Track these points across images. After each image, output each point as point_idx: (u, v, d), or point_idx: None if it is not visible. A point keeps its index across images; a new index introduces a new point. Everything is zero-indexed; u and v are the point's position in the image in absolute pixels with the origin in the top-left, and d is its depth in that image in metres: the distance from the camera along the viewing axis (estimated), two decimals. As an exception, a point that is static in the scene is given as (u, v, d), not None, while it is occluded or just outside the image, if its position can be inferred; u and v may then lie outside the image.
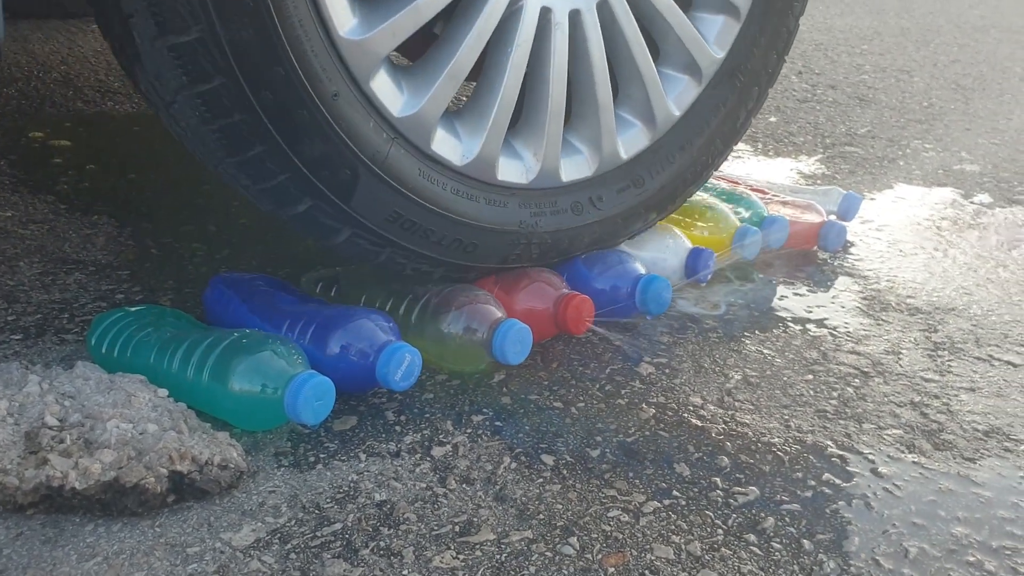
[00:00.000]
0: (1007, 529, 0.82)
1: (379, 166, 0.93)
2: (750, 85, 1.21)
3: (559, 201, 1.10)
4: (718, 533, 0.79)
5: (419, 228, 0.98)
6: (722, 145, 1.22)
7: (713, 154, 1.22)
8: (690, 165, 1.19)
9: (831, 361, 1.10)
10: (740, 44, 1.18)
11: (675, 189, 1.20)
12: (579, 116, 1.11)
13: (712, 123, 1.20)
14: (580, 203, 1.11)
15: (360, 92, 0.91)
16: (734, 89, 1.20)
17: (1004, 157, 2.00)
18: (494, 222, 1.04)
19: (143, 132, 1.82)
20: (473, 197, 1.02)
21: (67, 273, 1.19)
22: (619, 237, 1.18)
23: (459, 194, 1.01)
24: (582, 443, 0.91)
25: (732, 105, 1.21)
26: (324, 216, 0.94)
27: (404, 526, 0.77)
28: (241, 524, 0.76)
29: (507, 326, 0.96)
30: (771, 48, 1.22)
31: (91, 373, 0.85)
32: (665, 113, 1.15)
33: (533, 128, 1.06)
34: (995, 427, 0.97)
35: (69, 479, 0.74)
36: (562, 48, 1.03)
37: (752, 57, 1.20)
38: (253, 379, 0.85)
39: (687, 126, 1.18)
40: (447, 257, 1.02)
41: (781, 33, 1.22)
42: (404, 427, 0.91)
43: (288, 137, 0.87)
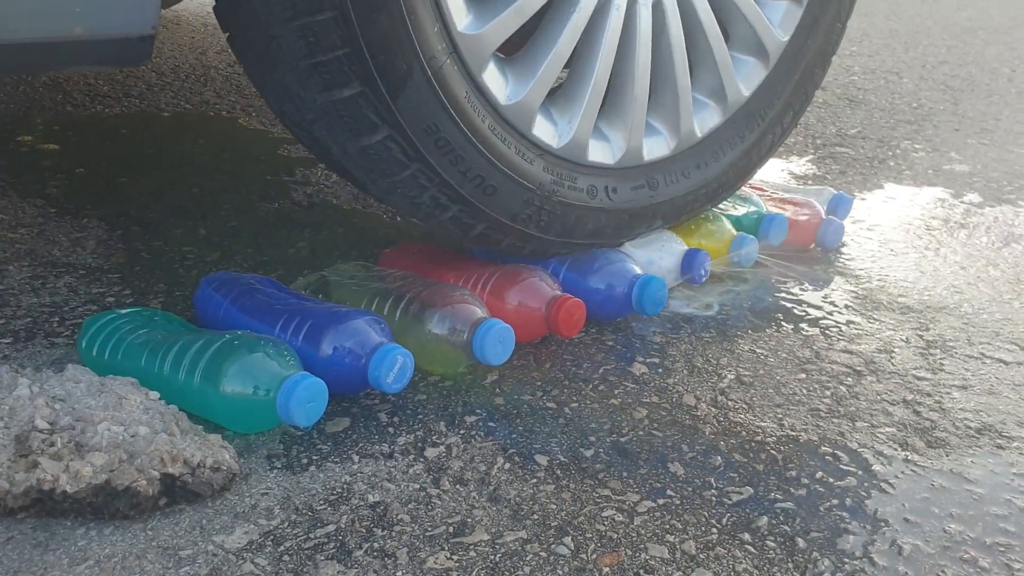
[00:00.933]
0: (1000, 526, 0.82)
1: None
2: (811, 67, 1.30)
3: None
4: (712, 532, 0.79)
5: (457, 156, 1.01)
6: (791, 119, 1.32)
7: (784, 125, 1.31)
8: (760, 138, 1.28)
9: (824, 360, 1.10)
10: (801, 29, 1.26)
11: (747, 167, 1.28)
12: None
13: (782, 97, 1.28)
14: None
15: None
16: (797, 70, 1.28)
17: (993, 157, 2.01)
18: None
19: (132, 136, 1.81)
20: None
21: (57, 276, 1.18)
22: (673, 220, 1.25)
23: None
24: (576, 443, 0.91)
25: (795, 85, 1.29)
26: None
27: (398, 527, 0.77)
28: (234, 526, 0.76)
29: (487, 326, 0.96)
30: (829, 31, 1.30)
31: (82, 376, 0.85)
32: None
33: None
34: (987, 424, 0.98)
35: (60, 482, 0.74)
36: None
37: (812, 41, 1.28)
38: (245, 381, 0.85)
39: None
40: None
41: (838, 17, 1.30)
42: (397, 428, 0.91)
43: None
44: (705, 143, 1.23)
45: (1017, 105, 2.50)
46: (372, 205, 1.50)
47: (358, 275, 1.09)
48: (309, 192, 1.55)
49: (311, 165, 1.67)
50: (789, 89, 1.29)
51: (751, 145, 1.27)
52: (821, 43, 1.29)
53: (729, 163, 1.25)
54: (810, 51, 1.28)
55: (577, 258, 1.15)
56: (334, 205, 1.50)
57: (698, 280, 1.23)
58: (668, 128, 1.19)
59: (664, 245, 1.23)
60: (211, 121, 1.94)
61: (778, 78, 1.27)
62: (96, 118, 1.88)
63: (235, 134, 1.86)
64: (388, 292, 1.02)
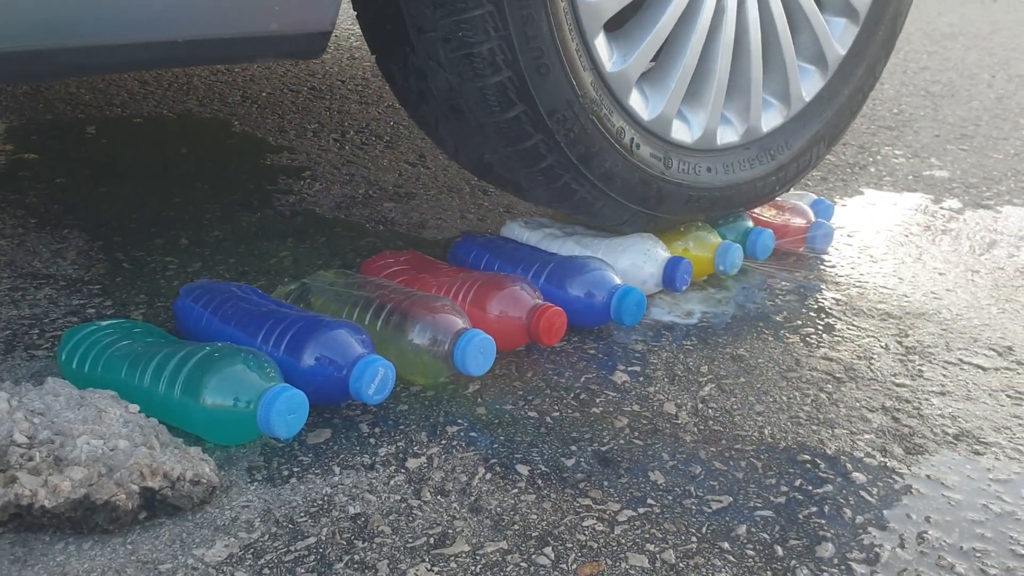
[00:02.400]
0: (977, 531, 0.83)
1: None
2: (864, 77, 1.46)
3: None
4: (692, 541, 0.79)
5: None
6: (844, 124, 1.48)
7: (830, 136, 1.46)
8: (813, 143, 1.44)
9: (804, 367, 1.10)
10: (857, 45, 1.42)
11: (809, 159, 1.44)
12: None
13: (835, 105, 1.44)
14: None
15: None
16: (851, 81, 1.44)
17: (973, 163, 2.03)
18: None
19: (113, 145, 1.80)
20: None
21: (37, 288, 1.18)
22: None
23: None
24: (557, 452, 0.91)
25: (848, 95, 1.44)
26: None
27: (378, 539, 0.77)
28: (214, 540, 0.76)
29: (468, 337, 0.96)
30: (882, 49, 1.46)
31: (61, 389, 0.84)
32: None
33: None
34: (965, 430, 0.99)
35: (38, 497, 0.73)
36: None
37: (864, 57, 1.43)
38: (225, 393, 0.85)
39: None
40: None
41: (890, 38, 1.47)
42: (378, 439, 0.91)
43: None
44: (768, 137, 1.38)
45: (996, 111, 2.52)
46: (354, 214, 1.51)
47: (339, 282, 1.09)
48: (292, 201, 1.55)
49: (293, 174, 1.67)
50: (842, 98, 1.44)
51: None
52: (871, 60, 1.46)
53: (793, 155, 1.40)
54: (863, 66, 1.45)
55: (555, 267, 1.16)
56: (317, 214, 1.50)
57: (679, 288, 1.23)
58: (739, 119, 1.33)
59: (648, 251, 1.24)
60: (193, 130, 1.93)
61: (833, 88, 1.43)
62: (76, 127, 1.88)
63: (217, 144, 1.86)
64: (369, 301, 1.02)
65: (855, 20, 1.40)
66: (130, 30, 0.90)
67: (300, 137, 1.89)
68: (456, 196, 1.62)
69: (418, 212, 1.54)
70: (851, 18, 1.41)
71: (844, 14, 1.40)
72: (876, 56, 1.46)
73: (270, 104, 2.11)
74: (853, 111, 1.48)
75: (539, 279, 1.15)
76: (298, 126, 1.96)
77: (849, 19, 1.41)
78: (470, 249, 1.24)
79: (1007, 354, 1.16)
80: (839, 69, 1.42)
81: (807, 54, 1.38)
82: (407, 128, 1.99)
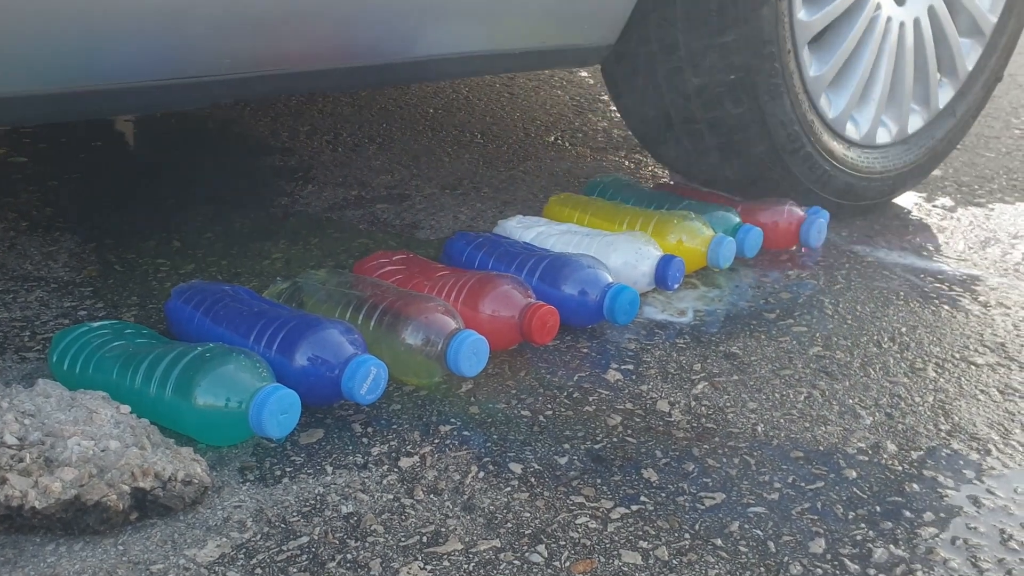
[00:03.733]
0: (970, 526, 0.83)
1: None
2: (1011, 40, 1.71)
3: None
4: (685, 538, 0.79)
5: None
6: (993, 78, 1.73)
7: (990, 85, 1.73)
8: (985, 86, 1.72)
9: (797, 364, 1.10)
10: (1005, 10, 1.66)
11: (974, 114, 1.75)
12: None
13: (991, 62, 1.71)
14: None
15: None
16: (1000, 42, 1.69)
17: (964, 161, 2.03)
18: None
19: (104, 148, 1.80)
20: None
21: (28, 291, 1.17)
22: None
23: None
24: (550, 451, 0.91)
25: (998, 55, 1.71)
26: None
27: (371, 538, 0.77)
28: (206, 540, 0.76)
29: (461, 338, 0.96)
30: (1021, 11, 1.70)
31: (52, 391, 0.84)
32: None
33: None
34: (958, 425, 0.99)
35: (29, 498, 0.73)
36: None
37: (1011, 17, 1.67)
38: (217, 393, 0.84)
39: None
40: None
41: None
42: (371, 439, 0.91)
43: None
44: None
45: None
46: (347, 215, 1.50)
47: (331, 281, 1.08)
48: (284, 203, 1.54)
49: (286, 176, 1.67)
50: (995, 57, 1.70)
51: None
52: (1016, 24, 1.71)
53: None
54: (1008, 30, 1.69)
55: (549, 266, 1.15)
56: (309, 215, 1.49)
57: (671, 287, 1.23)
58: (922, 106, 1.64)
59: (640, 249, 1.23)
60: (185, 132, 1.93)
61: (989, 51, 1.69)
62: (67, 130, 1.87)
63: (209, 145, 1.86)
64: (362, 301, 1.02)
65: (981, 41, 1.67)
66: (492, 43, 1.24)
67: (293, 139, 1.89)
68: (449, 197, 1.62)
69: (411, 213, 1.53)
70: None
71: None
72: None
73: (263, 106, 2.11)
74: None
75: (532, 277, 1.15)
76: (291, 128, 1.96)
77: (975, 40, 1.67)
78: (463, 247, 1.24)
79: (999, 351, 1.16)
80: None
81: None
82: (400, 130, 2.00)
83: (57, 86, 0.93)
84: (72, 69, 0.92)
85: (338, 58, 1.11)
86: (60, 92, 0.93)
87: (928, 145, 1.66)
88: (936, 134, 1.67)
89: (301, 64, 1.09)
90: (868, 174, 1.58)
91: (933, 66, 1.60)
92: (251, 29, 1.01)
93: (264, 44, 1.03)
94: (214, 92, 1.06)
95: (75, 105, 0.96)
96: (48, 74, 0.91)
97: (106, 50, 0.93)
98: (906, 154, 1.63)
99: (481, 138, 1.97)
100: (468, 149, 1.89)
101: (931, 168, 1.71)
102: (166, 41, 0.95)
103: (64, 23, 0.88)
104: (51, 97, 0.93)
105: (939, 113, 1.66)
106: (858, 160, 1.56)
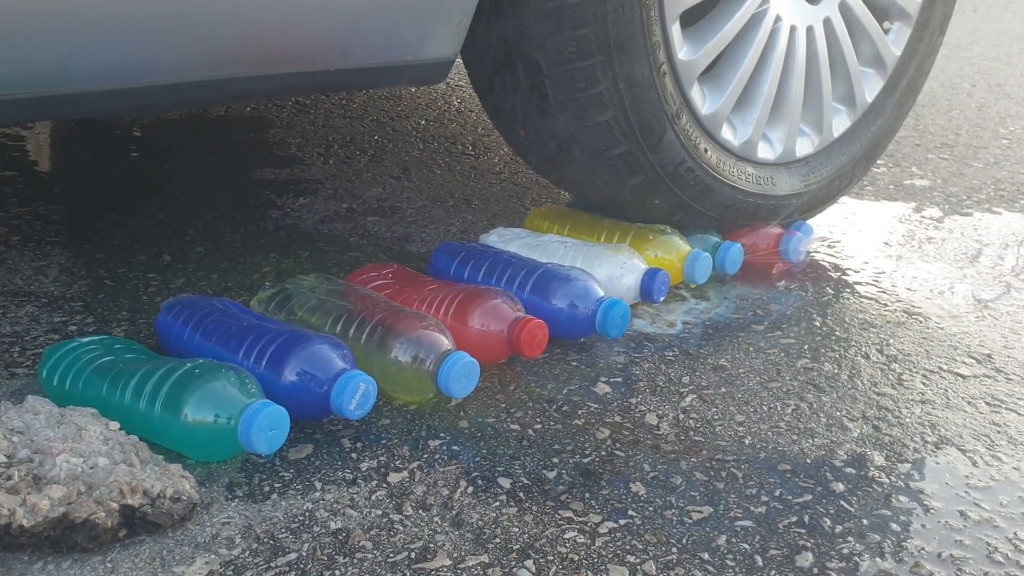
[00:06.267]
0: (955, 539, 0.83)
1: None
2: (916, 76, 1.59)
3: None
4: (672, 552, 0.80)
5: None
6: (901, 113, 1.61)
7: (893, 128, 1.61)
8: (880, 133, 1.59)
9: (785, 377, 1.11)
10: (910, 44, 1.55)
11: (876, 151, 1.60)
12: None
13: (896, 96, 1.58)
14: None
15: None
16: (905, 79, 1.58)
17: (953, 172, 2.04)
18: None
19: (94, 162, 1.80)
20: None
21: (18, 306, 1.17)
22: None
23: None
24: (539, 465, 0.91)
25: (903, 91, 1.59)
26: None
27: (359, 554, 0.77)
28: (194, 557, 0.76)
29: (453, 360, 0.96)
30: (929, 50, 1.59)
31: (41, 407, 0.84)
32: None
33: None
34: (945, 437, 0.99)
35: (16, 516, 0.73)
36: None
37: (916, 55, 1.56)
38: (206, 409, 0.85)
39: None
40: None
41: (936, 40, 1.59)
42: (360, 454, 0.91)
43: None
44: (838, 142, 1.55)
45: (976, 120, 2.55)
46: (338, 228, 1.51)
47: (320, 287, 1.09)
48: (275, 216, 1.55)
49: (277, 189, 1.68)
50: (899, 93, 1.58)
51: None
52: (922, 56, 1.59)
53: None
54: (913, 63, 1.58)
55: (540, 278, 1.16)
56: (300, 228, 1.50)
57: (656, 300, 1.24)
58: (813, 129, 1.49)
59: (625, 262, 1.24)
60: (176, 146, 1.93)
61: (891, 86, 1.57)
62: (57, 144, 1.87)
63: (200, 158, 1.86)
64: (352, 315, 1.02)
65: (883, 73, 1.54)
66: (300, 62, 1.07)
67: (284, 151, 1.90)
68: (440, 209, 1.62)
69: (402, 226, 1.54)
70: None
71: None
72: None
73: (253, 119, 2.11)
74: None
75: (523, 290, 1.16)
76: (282, 140, 1.96)
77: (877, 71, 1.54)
78: (449, 259, 1.25)
79: (986, 362, 1.17)
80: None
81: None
82: (391, 142, 2.00)
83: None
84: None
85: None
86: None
87: (819, 177, 1.51)
88: (828, 165, 1.52)
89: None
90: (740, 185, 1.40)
91: (827, 88, 1.45)
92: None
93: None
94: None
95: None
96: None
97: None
98: (791, 178, 1.47)
99: (472, 150, 1.98)
100: (459, 161, 1.90)
101: (820, 203, 1.55)
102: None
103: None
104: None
105: (835, 140, 1.52)
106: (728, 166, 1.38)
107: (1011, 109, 2.68)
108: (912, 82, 1.59)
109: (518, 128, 1.32)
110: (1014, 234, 1.66)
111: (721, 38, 1.30)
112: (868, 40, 1.49)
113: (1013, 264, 1.51)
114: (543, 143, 1.31)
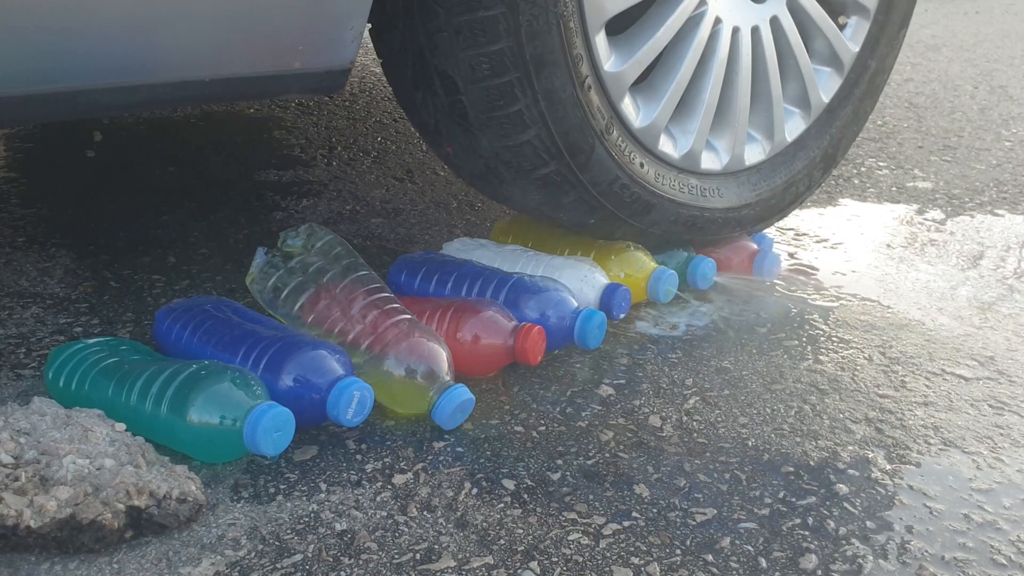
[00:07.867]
0: (959, 541, 0.83)
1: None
2: (877, 73, 1.52)
3: None
4: (676, 554, 0.80)
5: None
6: (862, 113, 1.54)
7: (854, 129, 1.54)
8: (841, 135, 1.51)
9: (788, 379, 1.11)
10: (868, 40, 1.47)
11: (835, 154, 1.52)
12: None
13: (856, 95, 1.51)
14: None
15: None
16: (865, 76, 1.50)
17: (955, 174, 2.05)
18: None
19: (99, 163, 1.81)
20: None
21: (24, 307, 1.18)
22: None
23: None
24: (543, 467, 0.91)
25: (864, 89, 1.51)
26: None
27: (365, 555, 0.78)
28: (200, 558, 0.76)
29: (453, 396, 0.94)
30: (890, 45, 1.52)
31: (47, 408, 0.85)
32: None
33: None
34: (948, 440, 1.00)
35: (24, 518, 0.73)
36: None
37: (877, 50, 1.50)
38: (212, 411, 0.85)
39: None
40: None
41: (898, 34, 1.53)
42: (365, 455, 0.92)
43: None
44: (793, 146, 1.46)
45: (979, 122, 2.55)
46: (341, 230, 1.51)
47: (341, 253, 1.09)
48: (279, 217, 1.55)
49: (281, 191, 1.68)
50: (858, 93, 1.51)
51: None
52: (884, 54, 1.52)
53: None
54: (876, 61, 1.51)
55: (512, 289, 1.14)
56: (304, 230, 1.50)
57: (616, 317, 1.21)
58: (763, 135, 1.40)
59: (586, 276, 1.21)
60: (180, 148, 1.94)
61: (849, 84, 1.49)
62: (60, 146, 1.88)
63: (204, 161, 1.87)
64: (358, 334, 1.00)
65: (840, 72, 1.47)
66: (167, 71, 0.97)
67: (288, 153, 1.90)
68: (443, 211, 1.63)
69: (405, 227, 1.54)
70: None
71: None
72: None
73: (257, 121, 2.12)
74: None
75: (500, 296, 1.13)
76: (286, 142, 1.97)
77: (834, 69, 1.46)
78: (411, 271, 1.22)
79: (989, 364, 1.17)
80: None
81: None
82: (395, 144, 2.00)
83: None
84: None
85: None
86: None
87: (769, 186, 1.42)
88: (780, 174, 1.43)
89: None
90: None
91: (778, 90, 1.36)
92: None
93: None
94: None
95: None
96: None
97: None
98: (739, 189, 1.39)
99: (475, 152, 1.98)
100: (462, 163, 1.90)
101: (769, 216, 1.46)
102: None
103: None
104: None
105: (789, 145, 1.43)
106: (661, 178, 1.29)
107: (1014, 111, 2.68)
108: (874, 79, 1.51)
109: (446, 146, 1.23)
110: (1016, 236, 1.66)
111: (653, 46, 1.20)
112: (822, 37, 1.40)
113: (1016, 266, 1.51)
114: (471, 162, 1.23)
